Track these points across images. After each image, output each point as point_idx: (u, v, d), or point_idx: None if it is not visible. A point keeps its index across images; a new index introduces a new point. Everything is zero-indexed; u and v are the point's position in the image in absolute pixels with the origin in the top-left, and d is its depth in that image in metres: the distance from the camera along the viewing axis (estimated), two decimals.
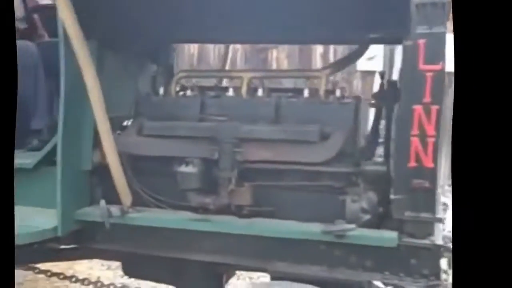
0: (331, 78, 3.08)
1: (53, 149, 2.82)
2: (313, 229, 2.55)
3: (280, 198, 2.77)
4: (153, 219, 2.78)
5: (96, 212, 2.78)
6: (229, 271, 3.14)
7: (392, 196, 2.47)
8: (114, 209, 2.75)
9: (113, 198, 2.80)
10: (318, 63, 7.71)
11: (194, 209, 2.78)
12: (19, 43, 3.41)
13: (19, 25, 3.65)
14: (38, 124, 3.39)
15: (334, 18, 2.80)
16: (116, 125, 2.92)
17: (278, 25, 2.95)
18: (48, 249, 3.14)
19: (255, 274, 4.07)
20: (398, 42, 2.64)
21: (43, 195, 2.90)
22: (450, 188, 1.99)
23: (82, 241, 2.98)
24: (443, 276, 2.51)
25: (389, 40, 3.28)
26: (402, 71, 2.58)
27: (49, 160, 2.90)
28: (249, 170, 2.76)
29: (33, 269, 3.33)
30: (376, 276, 2.56)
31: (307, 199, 2.73)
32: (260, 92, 2.97)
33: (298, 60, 7.85)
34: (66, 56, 2.68)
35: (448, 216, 2.88)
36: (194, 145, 2.80)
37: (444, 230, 2.65)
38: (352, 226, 2.49)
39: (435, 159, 2.37)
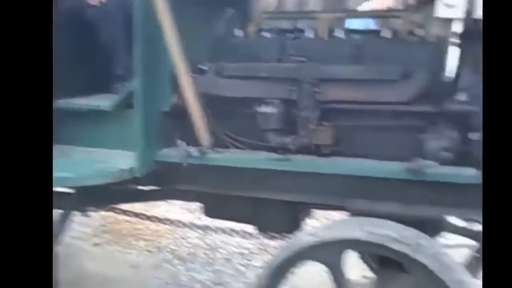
0: (411, 19, 2.99)
1: (133, 92, 2.85)
2: (394, 167, 2.54)
3: (360, 137, 2.75)
4: (233, 159, 2.80)
5: (174, 153, 2.81)
6: (307, 210, 3.13)
7: (474, 134, 2.47)
8: (193, 150, 2.78)
9: (192, 139, 2.82)
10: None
11: (274, 149, 2.80)
12: None
13: None
14: (121, 69, 3.42)
15: None
16: (193, 68, 2.91)
17: None
18: (127, 190, 3.22)
19: (332, 216, 4.10)
20: None
21: (122, 137, 2.95)
22: None
23: (162, 182, 3.04)
24: None
25: None
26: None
27: (128, 103, 2.93)
28: (329, 110, 2.74)
29: (113, 209, 3.42)
30: (455, 212, 2.64)
31: (388, 139, 2.70)
32: (339, 33, 2.91)
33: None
34: None
35: None
36: (274, 86, 2.79)
37: None
38: (433, 163, 2.47)
39: None
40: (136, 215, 3.42)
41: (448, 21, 6.43)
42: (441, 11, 6.19)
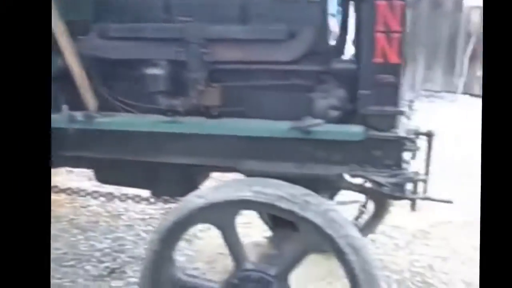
0: None
1: None
2: (281, 126, 2.55)
3: (249, 98, 2.75)
4: (121, 123, 2.73)
5: (59, 118, 2.70)
6: (202, 173, 3.10)
7: (358, 92, 2.50)
8: (79, 114, 2.69)
9: (79, 104, 2.73)
10: None
11: (163, 112, 2.74)
12: None
13: None
14: None
15: None
16: (78, 29, 2.81)
17: None
18: None
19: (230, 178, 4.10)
20: None
21: None
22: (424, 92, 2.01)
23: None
24: (405, 166, 2.59)
25: None
26: None
27: None
28: (217, 70, 2.72)
29: None
30: (343, 169, 2.61)
31: (277, 98, 2.71)
32: None
33: None
34: None
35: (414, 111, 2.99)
36: (161, 47, 2.73)
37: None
38: (319, 121, 2.49)
39: (400, 55, 2.41)
40: None
41: None
42: None
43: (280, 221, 2.54)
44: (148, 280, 2.57)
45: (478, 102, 9.08)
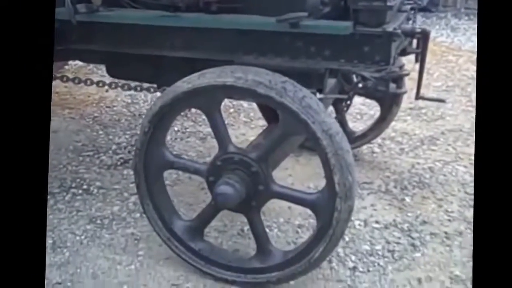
0: None
1: None
2: (269, 20, 2.65)
3: None
4: (121, 16, 2.90)
5: (63, 10, 2.84)
6: (203, 66, 3.22)
7: None
8: (81, 7, 2.86)
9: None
10: None
11: (166, 8, 2.90)
12: None
13: None
14: None
15: None
16: None
17: None
18: None
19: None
20: None
21: None
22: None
23: (57, 43, 3.11)
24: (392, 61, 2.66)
25: None
26: None
27: None
28: None
29: None
30: (333, 64, 2.71)
31: None
32: None
33: None
34: None
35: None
36: None
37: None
38: (302, 14, 2.58)
39: None
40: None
41: None
42: None
43: (272, 116, 2.68)
44: (139, 159, 2.79)
45: None
